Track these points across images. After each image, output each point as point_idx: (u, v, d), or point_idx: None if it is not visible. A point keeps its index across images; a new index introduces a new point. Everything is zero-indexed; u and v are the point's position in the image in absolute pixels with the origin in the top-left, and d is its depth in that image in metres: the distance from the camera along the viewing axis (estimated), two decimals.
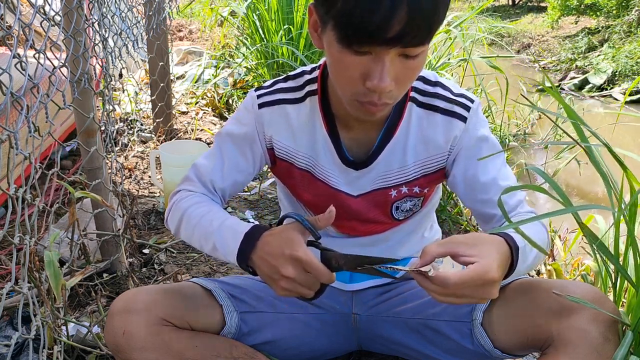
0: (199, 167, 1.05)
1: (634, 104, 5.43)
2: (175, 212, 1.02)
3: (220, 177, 1.05)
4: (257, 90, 1.04)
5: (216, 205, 1.02)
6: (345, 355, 1.23)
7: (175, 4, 2.91)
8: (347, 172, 1.03)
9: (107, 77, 1.57)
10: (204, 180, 1.05)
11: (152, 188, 2.31)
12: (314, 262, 0.83)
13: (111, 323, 0.97)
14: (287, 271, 0.83)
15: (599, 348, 0.84)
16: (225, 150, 1.05)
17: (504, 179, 1.00)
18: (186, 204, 1.01)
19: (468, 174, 1.00)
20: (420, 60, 0.82)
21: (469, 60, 2.41)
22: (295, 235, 0.86)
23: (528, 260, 0.89)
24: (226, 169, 1.05)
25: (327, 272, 0.83)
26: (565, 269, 1.90)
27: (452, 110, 0.99)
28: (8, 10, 2.04)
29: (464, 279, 0.76)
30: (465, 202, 1.04)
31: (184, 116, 3.21)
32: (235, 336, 1.06)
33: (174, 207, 1.03)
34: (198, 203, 1.00)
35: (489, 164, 1.00)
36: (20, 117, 0.91)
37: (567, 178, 3.50)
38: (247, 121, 1.04)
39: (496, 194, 0.97)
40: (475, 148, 1.00)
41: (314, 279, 0.84)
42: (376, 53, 0.78)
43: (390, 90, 0.82)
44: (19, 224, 0.94)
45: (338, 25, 0.77)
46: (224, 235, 0.93)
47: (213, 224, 0.95)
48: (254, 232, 0.90)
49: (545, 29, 9.20)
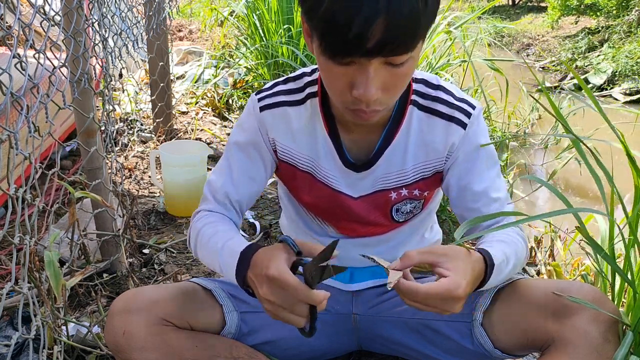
0: (212, 184, 1.07)
1: (634, 104, 5.43)
2: (192, 233, 1.04)
3: (233, 190, 1.05)
4: (257, 94, 1.05)
5: (226, 225, 1.01)
6: (345, 355, 1.23)
7: (175, 4, 2.91)
8: (347, 174, 1.03)
9: (107, 77, 1.57)
10: (218, 196, 1.05)
11: (152, 188, 2.31)
12: (284, 277, 0.77)
13: (111, 323, 0.97)
14: (262, 291, 0.81)
15: (599, 348, 0.84)
16: (234, 161, 1.06)
17: (496, 190, 1.01)
18: (200, 224, 1.02)
19: (462, 182, 1.01)
20: (408, 66, 0.81)
21: (469, 61, 2.41)
22: (274, 253, 0.82)
23: (502, 274, 0.91)
24: (238, 180, 1.05)
25: (302, 287, 0.77)
26: (565, 269, 1.90)
27: (453, 116, 0.98)
28: (8, 10, 2.04)
29: (431, 292, 0.79)
30: (454, 207, 1.05)
31: (184, 116, 3.21)
32: (236, 336, 1.06)
33: (191, 228, 1.05)
34: (210, 223, 1.01)
35: (483, 174, 1.01)
36: (20, 117, 0.91)
37: (567, 177, 3.50)
38: (251, 126, 1.05)
39: (485, 205, 1.00)
40: (472, 156, 1.00)
41: (294, 299, 0.78)
42: (360, 63, 0.78)
43: (377, 99, 0.82)
44: (19, 224, 0.94)
45: (320, 36, 0.78)
46: (224, 257, 0.93)
47: (217, 245, 0.95)
48: (247, 251, 0.89)
49: (545, 29, 9.20)
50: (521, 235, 1.00)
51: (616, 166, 1.12)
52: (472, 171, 1.00)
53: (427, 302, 0.80)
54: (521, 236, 1.00)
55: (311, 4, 0.76)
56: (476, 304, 1.00)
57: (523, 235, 1.01)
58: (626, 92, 5.84)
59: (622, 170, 0.96)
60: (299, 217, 1.17)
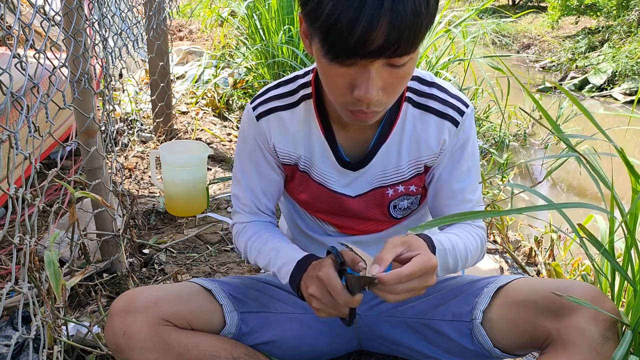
0: (237, 197, 1.13)
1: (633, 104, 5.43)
2: (239, 245, 1.13)
3: (255, 199, 1.11)
4: (252, 103, 1.06)
5: (270, 233, 1.09)
6: (346, 355, 1.23)
7: (175, 4, 2.91)
8: (344, 173, 1.03)
9: (107, 77, 1.57)
10: (246, 208, 1.12)
11: (152, 188, 2.31)
12: (330, 280, 0.87)
13: (111, 323, 0.97)
14: (311, 289, 0.89)
15: (598, 347, 0.84)
16: (247, 172, 1.10)
17: (472, 192, 1.05)
18: (244, 237, 1.11)
19: (442, 177, 1.04)
20: (408, 67, 0.82)
21: (469, 60, 2.41)
22: (326, 260, 0.91)
23: (448, 262, 0.96)
24: (256, 189, 1.10)
25: (344, 292, 0.86)
26: (565, 268, 1.90)
27: (446, 113, 0.99)
28: (8, 10, 2.04)
29: (414, 268, 0.82)
30: (430, 201, 1.08)
31: (184, 116, 3.21)
32: (236, 336, 1.06)
33: (236, 241, 1.14)
34: (255, 234, 1.09)
35: (464, 174, 1.03)
36: (21, 117, 0.91)
37: (568, 178, 3.50)
38: (251, 135, 1.07)
39: (458, 203, 1.04)
40: (457, 154, 1.02)
41: (335, 300, 0.87)
42: (361, 64, 0.78)
43: (378, 100, 0.82)
44: (19, 224, 0.94)
45: (322, 38, 0.78)
46: (280, 264, 1.01)
47: (270, 255, 1.03)
48: (305, 260, 0.97)
49: (546, 29, 9.20)
50: (479, 234, 1.04)
51: (616, 165, 1.12)
52: (454, 169, 1.03)
53: (411, 283, 0.82)
54: (478, 234, 1.04)
55: (313, 6, 0.76)
56: (476, 304, 1.00)
57: (482, 234, 1.05)
58: (626, 92, 5.84)
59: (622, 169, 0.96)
60: (298, 217, 1.17)
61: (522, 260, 1.99)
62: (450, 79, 2.78)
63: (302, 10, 0.81)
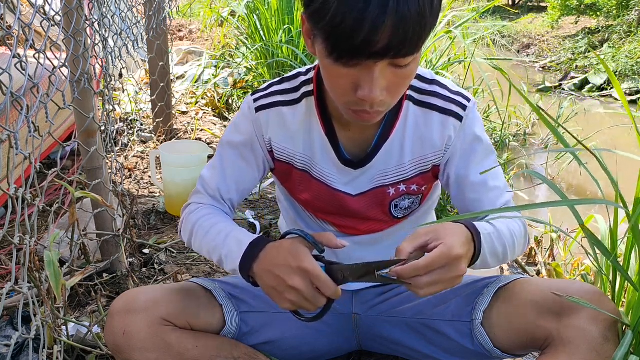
0: (205, 179, 1.08)
1: (633, 104, 5.42)
2: (187, 225, 1.05)
3: (225, 187, 1.07)
4: (253, 94, 1.05)
5: (224, 216, 1.04)
6: (346, 355, 1.23)
7: (175, 4, 2.91)
8: (345, 171, 1.03)
9: (107, 77, 1.57)
10: (210, 191, 1.07)
11: (152, 188, 2.31)
12: (320, 274, 0.84)
13: (111, 323, 0.97)
14: (294, 282, 0.84)
15: (598, 348, 0.84)
16: (227, 159, 1.07)
17: (494, 178, 1.01)
18: (195, 217, 1.03)
19: (460, 174, 1.02)
20: (412, 68, 0.82)
21: (469, 61, 2.41)
22: (301, 248, 0.87)
23: (496, 247, 0.91)
24: (230, 178, 1.07)
25: (333, 285, 0.84)
26: (565, 269, 1.90)
27: (449, 109, 0.99)
28: (8, 10, 2.04)
29: (432, 259, 0.79)
30: (455, 200, 1.05)
31: (184, 116, 3.21)
32: (236, 336, 1.06)
33: (184, 220, 1.07)
34: (207, 215, 1.03)
35: (480, 165, 1.01)
36: (21, 117, 0.91)
37: (568, 178, 3.50)
38: (246, 126, 1.05)
39: (484, 194, 1.00)
40: (468, 148, 1.01)
41: (319, 293, 0.85)
42: (365, 65, 0.78)
43: (381, 100, 0.82)
44: (19, 224, 0.94)
45: (326, 39, 0.78)
46: (229, 246, 0.95)
47: (220, 236, 0.98)
48: (258, 242, 0.92)
49: (546, 29, 9.20)
50: (521, 221, 1.00)
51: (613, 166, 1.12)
52: (469, 163, 1.01)
53: (434, 275, 0.79)
54: (521, 221, 1.00)
55: (317, 7, 0.76)
56: (476, 304, 1.00)
57: (523, 221, 1.00)
58: (626, 92, 5.84)
59: (623, 168, 0.96)
60: (298, 217, 1.17)
61: (522, 260, 1.99)
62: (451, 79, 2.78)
63: (305, 10, 0.81)
